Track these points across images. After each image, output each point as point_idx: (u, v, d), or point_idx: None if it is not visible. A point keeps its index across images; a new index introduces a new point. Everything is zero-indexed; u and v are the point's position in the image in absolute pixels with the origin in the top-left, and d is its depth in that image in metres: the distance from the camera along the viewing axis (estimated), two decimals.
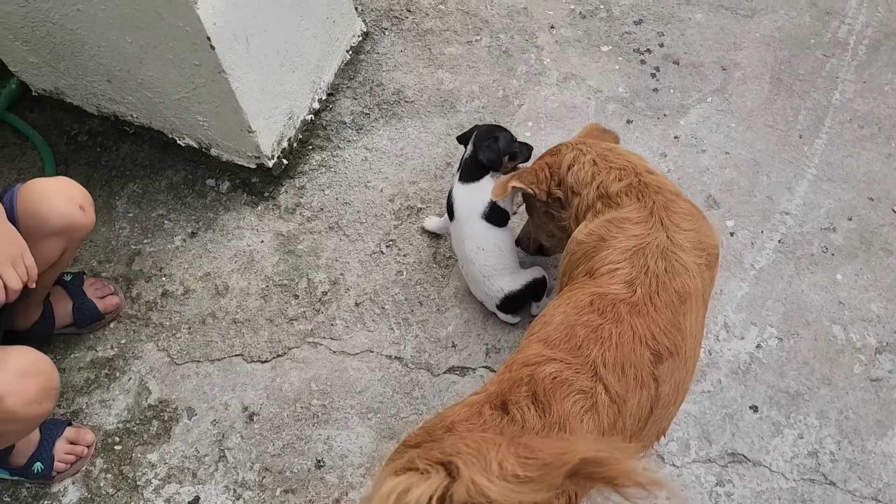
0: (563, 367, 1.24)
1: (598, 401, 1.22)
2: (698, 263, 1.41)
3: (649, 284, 1.35)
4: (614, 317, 1.31)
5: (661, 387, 1.29)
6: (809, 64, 2.41)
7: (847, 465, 1.79)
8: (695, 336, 1.37)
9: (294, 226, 2.17)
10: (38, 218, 1.61)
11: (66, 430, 1.84)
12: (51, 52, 2.10)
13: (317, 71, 2.28)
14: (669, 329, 1.32)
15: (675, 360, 1.31)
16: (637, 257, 1.39)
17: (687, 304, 1.36)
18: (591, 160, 1.58)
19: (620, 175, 1.53)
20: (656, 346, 1.30)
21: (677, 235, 1.42)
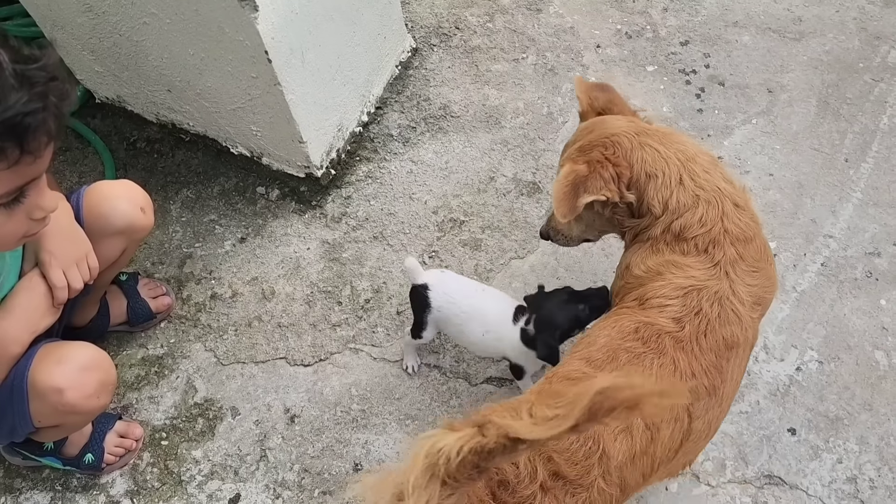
0: None
1: (633, 425, 1.23)
2: (753, 317, 1.39)
3: (698, 325, 1.33)
4: (658, 347, 1.31)
5: (693, 423, 1.30)
6: (857, 88, 2.40)
7: (886, 493, 1.77)
8: (735, 381, 1.37)
9: (340, 234, 2.23)
10: (101, 218, 1.69)
11: (117, 424, 1.91)
12: (115, 62, 2.20)
13: (366, 85, 2.34)
14: (710, 370, 1.31)
15: (711, 400, 1.32)
16: (690, 297, 1.36)
17: (733, 351, 1.35)
18: (678, 177, 1.40)
19: (706, 217, 1.39)
20: (696, 382, 1.30)
21: (739, 287, 1.38)
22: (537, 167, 2.30)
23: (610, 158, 1.43)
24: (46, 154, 1.25)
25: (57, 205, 1.39)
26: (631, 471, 1.23)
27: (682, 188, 1.40)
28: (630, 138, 1.43)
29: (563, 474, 1.17)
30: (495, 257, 2.15)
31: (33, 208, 1.32)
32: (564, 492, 1.16)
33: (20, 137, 1.17)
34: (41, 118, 1.19)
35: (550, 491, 1.15)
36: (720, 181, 1.43)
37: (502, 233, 2.19)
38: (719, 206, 1.40)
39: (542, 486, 1.15)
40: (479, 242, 2.18)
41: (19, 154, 1.19)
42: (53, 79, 1.21)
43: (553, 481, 1.16)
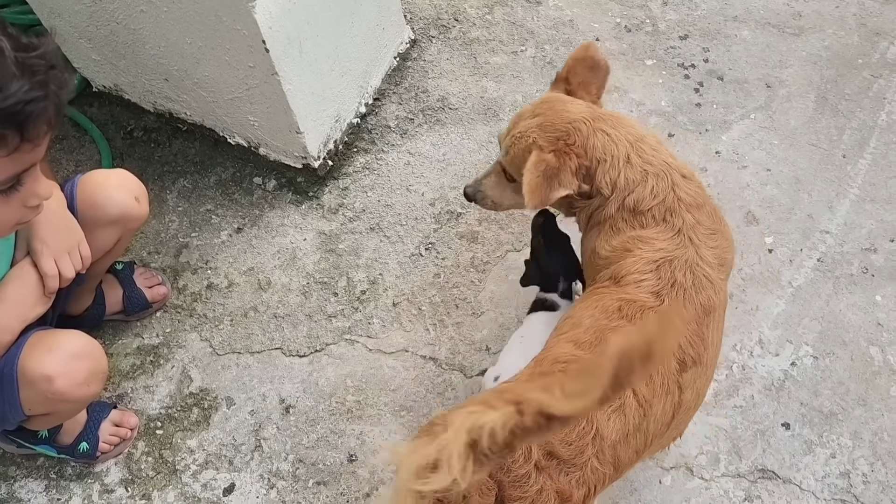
0: None
1: (625, 403, 1.25)
2: (721, 279, 1.43)
3: (676, 296, 1.36)
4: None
5: (684, 394, 1.32)
6: (856, 84, 2.40)
7: (879, 488, 1.77)
8: (715, 346, 1.40)
9: (336, 225, 2.23)
10: (96, 207, 1.68)
11: (112, 413, 1.91)
12: (113, 51, 2.19)
13: (365, 76, 2.34)
14: (694, 339, 1.34)
15: (698, 369, 1.34)
16: (663, 269, 1.39)
17: (710, 316, 1.38)
18: (626, 156, 1.45)
19: (657, 189, 1.44)
20: (682, 355, 1.32)
21: (705, 252, 1.42)
22: None
23: (574, 149, 1.47)
24: (44, 142, 1.26)
25: (52, 192, 1.40)
26: (625, 448, 1.25)
27: (629, 166, 1.46)
28: (587, 125, 1.48)
29: (558, 454, 1.19)
30: (492, 250, 2.15)
31: (29, 195, 1.33)
32: (559, 471, 1.18)
33: (21, 125, 1.18)
34: (42, 107, 1.20)
35: (545, 470, 1.17)
36: (667, 157, 1.49)
37: (499, 225, 2.19)
38: (668, 177, 1.45)
39: (537, 466, 1.16)
40: (475, 235, 2.18)
41: (19, 142, 1.20)
42: (53, 67, 1.22)
43: (547, 461, 1.18)
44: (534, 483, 1.16)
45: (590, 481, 1.21)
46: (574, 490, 1.19)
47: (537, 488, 1.16)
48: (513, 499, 1.15)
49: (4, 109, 1.15)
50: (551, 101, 1.56)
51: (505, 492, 1.15)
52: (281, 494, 1.85)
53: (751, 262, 2.09)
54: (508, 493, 1.15)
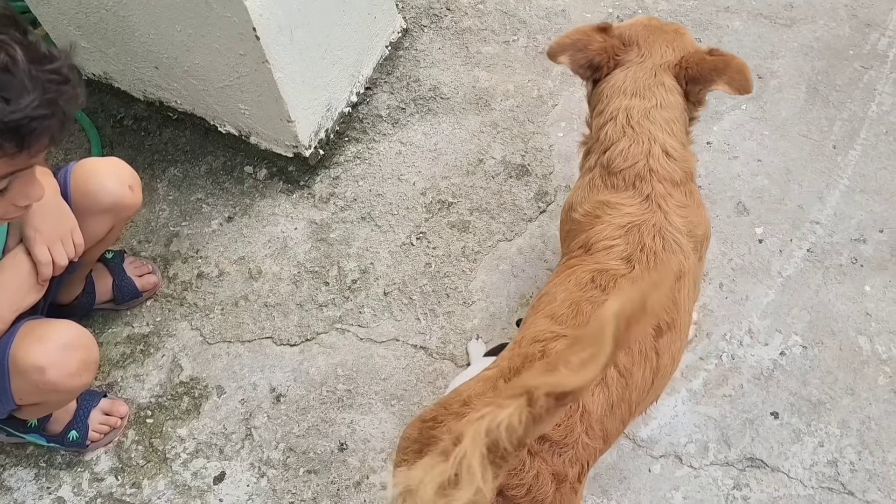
0: None
1: (607, 375, 1.26)
2: (693, 246, 1.45)
3: (647, 261, 1.37)
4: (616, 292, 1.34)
5: (661, 359, 1.34)
6: (847, 75, 2.41)
7: (867, 476, 1.79)
8: (687, 310, 1.41)
9: (327, 215, 2.23)
10: (89, 195, 1.68)
11: (102, 402, 1.90)
12: (102, 38, 2.18)
13: (356, 65, 2.33)
14: (668, 304, 1.35)
15: (673, 333, 1.36)
16: (632, 234, 1.40)
17: (681, 280, 1.39)
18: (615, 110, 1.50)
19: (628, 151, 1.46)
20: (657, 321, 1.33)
21: (674, 218, 1.43)
22: (526, 150, 2.30)
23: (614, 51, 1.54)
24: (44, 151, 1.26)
25: (43, 194, 1.39)
26: (611, 420, 1.27)
27: (613, 123, 1.49)
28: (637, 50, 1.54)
29: (548, 436, 1.20)
30: (483, 239, 2.15)
31: (19, 196, 1.33)
32: (551, 453, 1.19)
33: (22, 139, 1.18)
34: (47, 124, 1.19)
35: (538, 455, 1.18)
36: (659, 131, 1.48)
37: (490, 215, 2.19)
38: (646, 146, 1.46)
39: (530, 451, 1.17)
40: (467, 224, 2.18)
41: (17, 152, 1.20)
42: (66, 82, 1.21)
43: (539, 445, 1.19)
44: (529, 469, 1.17)
45: (582, 458, 1.22)
46: (568, 469, 1.21)
47: (533, 473, 1.17)
48: (511, 487, 1.16)
49: (9, 123, 1.14)
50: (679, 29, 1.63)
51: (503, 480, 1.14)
52: (271, 483, 1.85)
53: (741, 253, 2.10)
54: (505, 482, 1.15)
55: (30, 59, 1.16)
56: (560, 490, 1.19)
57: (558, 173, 2.25)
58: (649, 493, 1.79)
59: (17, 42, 1.16)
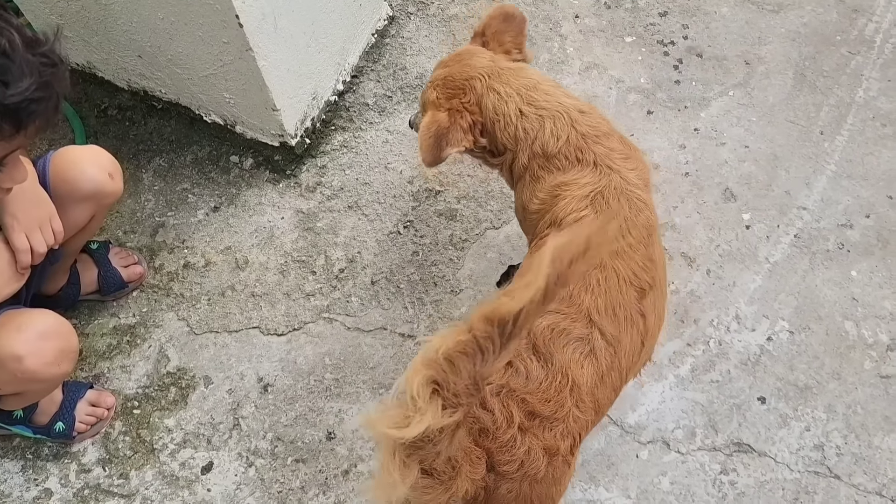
0: (560, 319, 1.28)
1: (595, 346, 1.28)
2: (651, 198, 1.48)
3: (619, 225, 1.38)
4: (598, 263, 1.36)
5: (647, 319, 1.35)
6: (834, 61, 2.40)
7: (853, 460, 1.80)
8: (662, 264, 1.43)
9: (314, 204, 2.21)
10: (68, 183, 1.66)
11: (88, 393, 1.90)
12: (84, 27, 2.15)
13: (342, 53, 2.31)
14: (646, 264, 1.37)
15: (655, 292, 1.38)
16: (597, 202, 1.40)
17: (653, 236, 1.41)
18: (517, 110, 1.49)
19: (556, 129, 1.47)
20: (639, 282, 1.35)
21: (628, 175, 1.44)
22: None
23: (467, 107, 1.52)
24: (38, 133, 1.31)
25: (27, 177, 1.40)
26: (602, 390, 1.28)
27: (524, 118, 1.48)
28: (482, 82, 1.52)
29: (539, 412, 1.21)
30: (470, 227, 2.15)
31: (5, 178, 1.34)
32: (542, 428, 1.21)
33: (20, 121, 1.23)
34: (43, 107, 1.24)
35: (529, 430, 1.19)
36: (562, 98, 1.51)
37: (478, 203, 2.18)
38: (565, 116, 1.47)
39: (521, 428, 1.18)
40: (454, 212, 2.17)
41: (13, 134, 1.24)
42: (56, 65, 1.27)
43: (530, 421, 1.20)
44: (520, 445, 1.18)
45: (573, 431, 1.24)
46: (560, 443, 1.22)
47: (525, 449, 1.18)
48: (502, 463, 1.17)
49: (9, 105, 1.19)
50: (461, 55, 1.60)
51: (494, 458, 1.17)
52: (259, 472, 1.85)
53: (728, 239, 2.10)
54: (497, 458, 1.17)
55: (24, 45, 1.20)
56: (552, 463, 1.21)
57: None
58: (637, 478, 1.80)
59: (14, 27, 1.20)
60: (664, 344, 1.95)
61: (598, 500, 1.77)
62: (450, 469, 1.06)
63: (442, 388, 0.92)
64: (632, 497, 1.77)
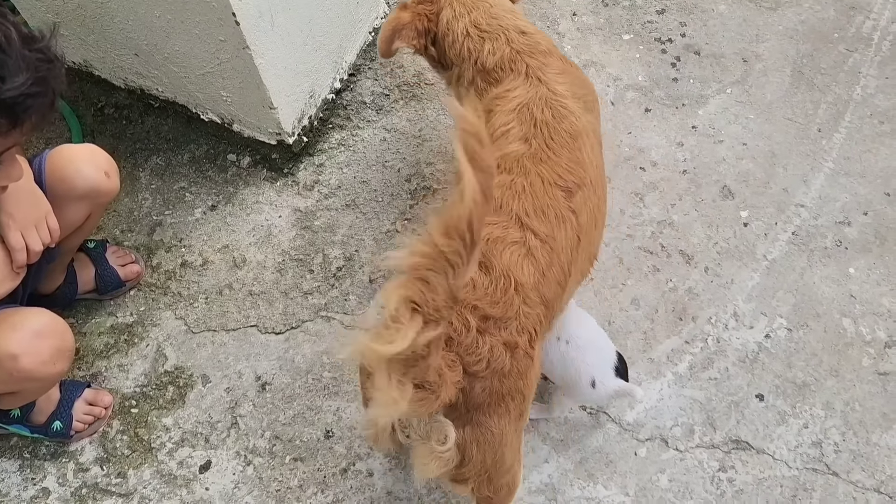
0: (493, 228, 1.36)
1: (531, 246, 1.36)
2: (580, 107, 1.55)
3: (541, 133, 1.47)
4: (521, 171, 1.44)
5: (580, 217, 1.43)
6: (832, 58, 2.40)
7: (851, 457, 1.80)
8: (596, 166, 1.52)
9: (312, 202, 2.21)
10: (65, 182, 1.66)
11: (85, 392, 1.89)
12: (81, 25, 2.15)
13: (339, 51, 2.31)
14: (571, 166, 1.45)
15: (585, 191, 1.46)
16: (523, 113, 1.50)
17: (579, 140, 1.49)
18: (464, 30, 1.64)
19: (493, 48, 1.61)
20: (564, 183, 1.43)
21: (556, 87, 1.54)
22: None
23: (427, 14, 1.69)
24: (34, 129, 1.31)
25: (22, 174, 1.40)
26: (547, 285, 1.36)
27: (468, 38, 1.63)
28: None
29: (491, 314, 1.28)
30: None
31: (1, 176, 1.34)
32: (498, 328, 1.28)
33: (17, 116, 1.23)
34: (40, 102, 1.25)
35: (486, 332, 1.27)
36: (507, 21, 1.64)
37: None
38: (503, 36, 1.61)
39: (479, 330, 1.26)
40: None
41: (10, 129, 1.24)
42: (52, 61, 1.27)
43: (485, 323, 1.27)
44: (482, 345, 1.26)
45: (527, 326, 1.32)
46: (517, 338, 1.30)
47: (487, 348, 1.26)
48: (472, 364, 1.25)
49: (6, 100, 1.19)
50: None
51: (463, 361, 1.24)
52: (258, 471, 1.84)
53: (726, 236, 2.10)
54: (466, 360, 1.24)
55: (21, 40, 1.21)
56: (515, 357, 1.29)
57: None
58: (635, 476, 1.80)
59: (11, 23, 1.21)
60: (662, 342, 1.95)
61: (597, 498, 1.77)
62: (437, 378, 1.14)
63: (421, 305, 0.98)
64: (630, 495, 1.77)
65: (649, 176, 2.20)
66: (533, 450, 1.83)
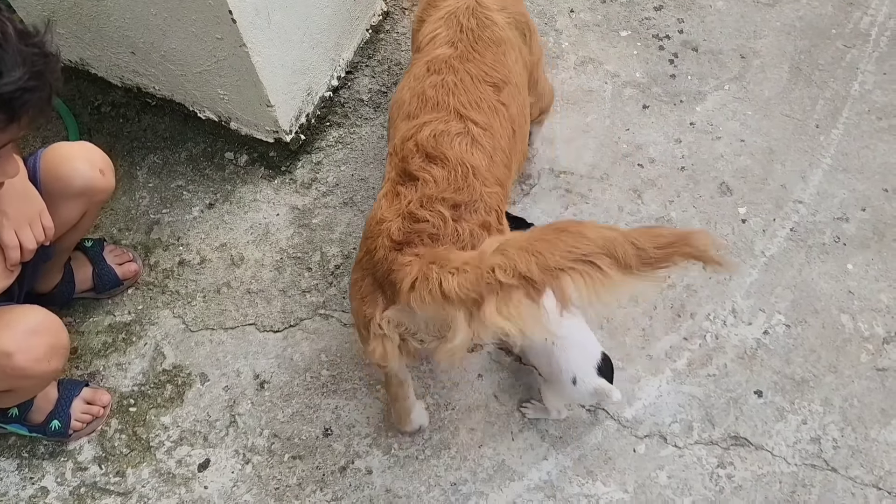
0: (437, 124, 1.48)
1: (474, 135, 1.47)
2: (507, 21, 1.66)
3: (467, 38, 1.59)
4: (450, 70, 1.55)
5: (509, 108, 1.55)
6: (829, 54, 2.40)
7: (849, 452, 1.80)
8: (518, 73, 1.64)
9: (309, 200, 2.21)
10: (59, 180, 1.65)
11: (84, 391, 1.89)
12: (77, 23, 2.14)
13: (336, 48, 2.31)
14: (496, 65, 1.57)
15: (511, 88, 1.58)
16: (450, 21, 1.62)
17: (502, 47, 1.61)
18: None
19: None
20: (492, 79, 1.55)
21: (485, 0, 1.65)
22: None
23: None
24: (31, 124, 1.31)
25: (18, 171, 1.40)
26: (497, 168, 1.48)
27: None
28: None
29: (458, 202, 1.40)
30: None
31: None
32: (468, 212, 1.40)
33: (14, 111, 1.23)
34: (37, 96, 1.25)
35: (460, 219, 1.38)
36: None
37: None
38: None
39: (453, 219, 1.38)
40: None
41: (7, 124, 1.24)
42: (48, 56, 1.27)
43: (456, 211, 1.39)
44: (463, 231, 1.37)
45: (492, 205, 1.43)
46: (488, 217, 1.41)
47: (468, 233, 1.37)
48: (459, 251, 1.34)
49: (3, 95, 1.19)
50: None
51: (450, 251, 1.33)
52: (256, 469, 1.84)
53: (724, 233, 2.09)
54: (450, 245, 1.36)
55: (17, 35, 1.21)
56: (492, 234, 1.40)
57: (542, 156, 2.23)
58: (634, 472, 1.80)
59: (7, 18, 1.21)
60: (661, 338, 1.95)
61: (596, 495, 1.77)
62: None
63: None
64: (629, 491, 1.77)
65: (647, 173, 2.20)
66: (532, 447, 1.83)
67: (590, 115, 2.32)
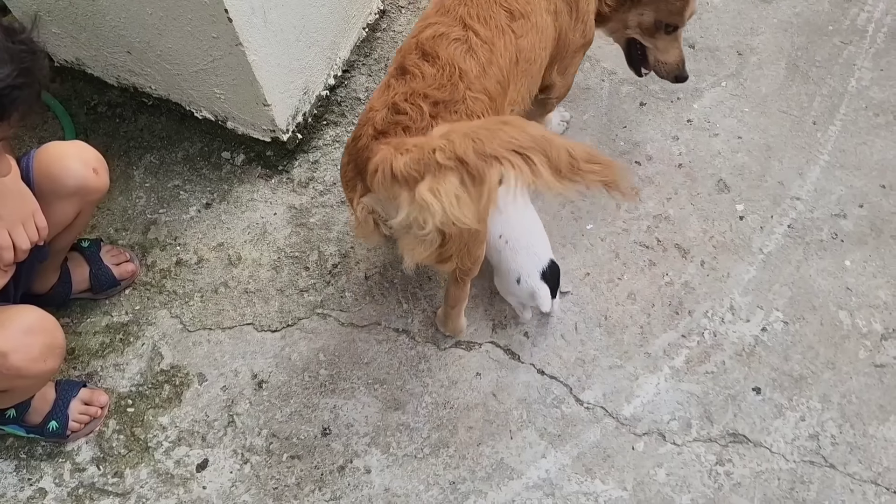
0: (439, 27, 1.51)
1: (472, 44, 1.49)
2: None
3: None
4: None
5: (519, 40, 1.56)
6: (826, 51, 2.40)
7: (848, 449, 1.80)
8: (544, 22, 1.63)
9: (307, 199, 2.20)
10: (52, 179, 1.65)
11: (81, 392, 1.88)
12: (73, 23, 2.14)
13: (333, 47, 2.30)
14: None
15: (526, 22, 1.57)
16: None
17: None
18: None
19: None
20: (509, 6, 1.56)
21: None
22: None
23: None
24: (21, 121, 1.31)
25: (10, 170, 1.39)
26: (487, 80, 1.49)
27: None
28: None
29: (440, 99, 1.43)
30: None
31: None
32: (448, 112, 1.43)
33: (3, 108, 1.24)
34: (26, 93, 1.25)
35: (438, 116, 1.42)
36: None
37: None
38: None
39: (431, 115, 1.42)
40: None
41: None
42: (35, 53, 1.28)
43: (436, 108, 1.42)
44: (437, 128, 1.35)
45: (473, 110, 1.45)
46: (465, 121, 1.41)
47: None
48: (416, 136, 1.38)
49: None
50: None
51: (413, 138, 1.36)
52: (255, 469, 1.84)
53: (722, 230, 2.09)
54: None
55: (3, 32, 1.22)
56: None
57: None
58: (633, 470, 1.80)
59: None
60: (659, 336, 1.95)
61: (594, 493, 1.77)
62: None
63: None
64: (628, 489, 1.77)
65: (645, 170, 2.20)
66: (530, 445, 1.83)
67: (587, 112, 2.32)
